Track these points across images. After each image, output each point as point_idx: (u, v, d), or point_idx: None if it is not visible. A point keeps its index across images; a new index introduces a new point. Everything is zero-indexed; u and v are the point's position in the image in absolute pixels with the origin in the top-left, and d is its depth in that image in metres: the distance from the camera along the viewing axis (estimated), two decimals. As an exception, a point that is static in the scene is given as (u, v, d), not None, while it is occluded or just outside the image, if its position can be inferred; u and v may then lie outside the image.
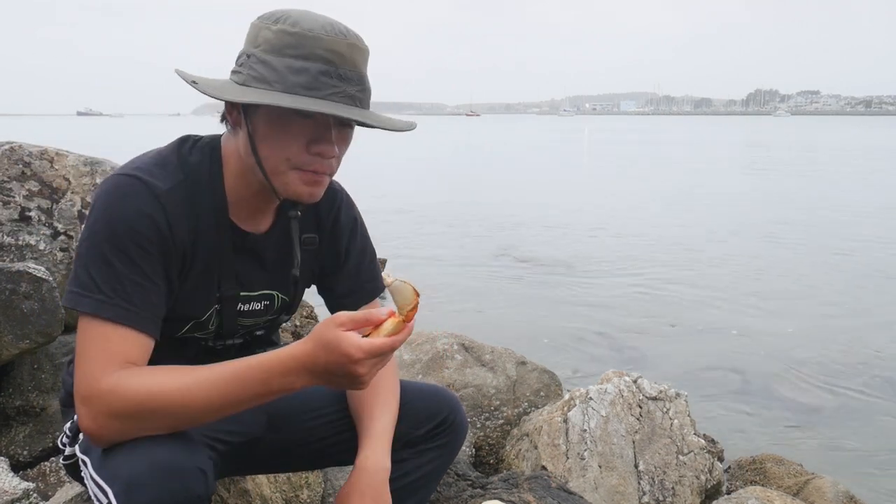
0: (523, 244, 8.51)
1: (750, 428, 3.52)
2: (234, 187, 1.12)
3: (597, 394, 2.51)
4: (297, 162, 1.04)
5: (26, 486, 1.51)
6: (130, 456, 0.94)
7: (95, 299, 0.98)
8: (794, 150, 31.98)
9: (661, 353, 4.59)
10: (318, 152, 1.05)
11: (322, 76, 1.01)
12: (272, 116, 1.03)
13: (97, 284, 0.98)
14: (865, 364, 4.42)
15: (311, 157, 1.05)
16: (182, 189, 1.06)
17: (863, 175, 18.53)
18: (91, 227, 1.01)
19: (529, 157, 26.91)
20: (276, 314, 1.26)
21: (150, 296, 1.01)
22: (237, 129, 1.09)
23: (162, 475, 0.91)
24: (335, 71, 1.01)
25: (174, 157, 1.10)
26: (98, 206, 1.02)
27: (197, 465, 0.95)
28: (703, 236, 9.10)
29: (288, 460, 1.37)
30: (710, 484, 2.45)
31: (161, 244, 1.03)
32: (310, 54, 1.00)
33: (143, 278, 1.01)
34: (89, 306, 0.98)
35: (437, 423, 1.31)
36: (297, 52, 1.00)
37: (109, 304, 0.98)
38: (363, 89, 1.06)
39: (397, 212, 11.03)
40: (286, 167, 1.05)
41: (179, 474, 0.92)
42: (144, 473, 0.91)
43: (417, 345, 2.93)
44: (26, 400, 2.18)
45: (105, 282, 0.98)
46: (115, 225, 1.00)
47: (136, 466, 0.92)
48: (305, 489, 1.87)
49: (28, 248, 2.35)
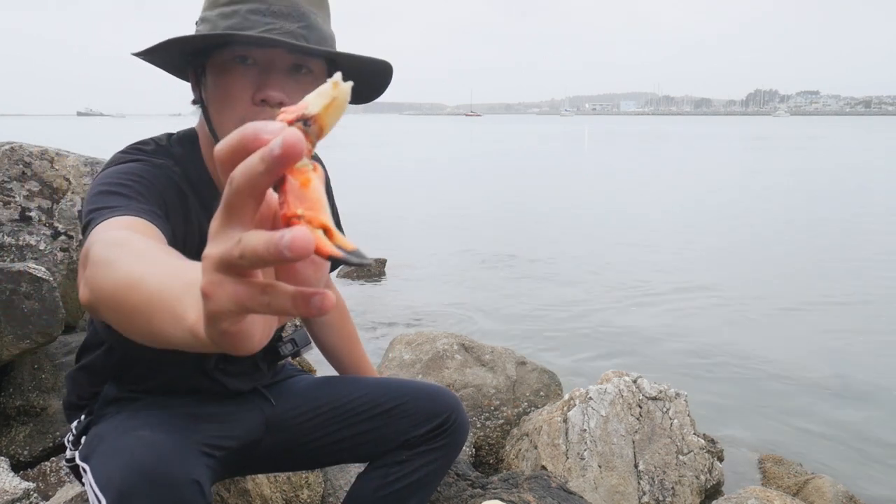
0: (525, 244, 8.51)
1: (750, 427, 3.52)
2: (214, 167, 1.06)
3: (597, 394, 2.51)
4: (243, 117, 0.94)
5: (26, 486, 1.51)
6: (125, 466, 0.92)
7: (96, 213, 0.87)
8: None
9: (662, 353, 4.59)
10: (263, 98, 0.94)
11: (252, 14, 0.92)
12: (216, 74, 0.97)
13: (99, 209, 0.88)
14: (866, 364, 4.41)
15: (256, 108, 0.95)
16: (167, 170, 1.03)
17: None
18: (90, 189, 0.95)
19: (550, 156, 26.91)
20: None
21: (154, 219, 0.90)
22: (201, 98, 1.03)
23: (156, 487, 0.90)
24: (267, 9, 0.92)
25: (161, 148, 1.07)
26: (98, 175, 0.98)
27: (192, 477, 0.93)
28: (704, 237, 9.10)
29: (287, 461, 1.36)
30: (709, 484, 2.45)
31: (161, 200, 0.96)
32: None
33: (148, 204, 0.92)
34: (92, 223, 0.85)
35: (437, 424, 1.31)
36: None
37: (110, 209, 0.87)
38: (307, 26, 0.94)
39: (412, 212, 11.04)
40: (235, 127, 0.96)
41: (173, 486, 0.91)
42: (138, 484, 0.90)
43: (417, 345, 2.93)
44: (26, 400, 2.18)
45: (105, 204, 0.89)
46: (116, 173, 0.94)
47: (130, 477, 0.90)
48: (305, 489, 1.87)
49: (28, 248, 2.35)
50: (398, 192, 14.59)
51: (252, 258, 0.37)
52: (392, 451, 1.30)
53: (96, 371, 1.15)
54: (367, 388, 1.33)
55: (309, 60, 0.98)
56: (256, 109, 0.95)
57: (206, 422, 1.12)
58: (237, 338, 0.42)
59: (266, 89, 0.94)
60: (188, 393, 1.17)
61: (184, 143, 1.08)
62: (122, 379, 1.14)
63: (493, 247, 8.34)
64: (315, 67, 1.00)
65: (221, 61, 0.95)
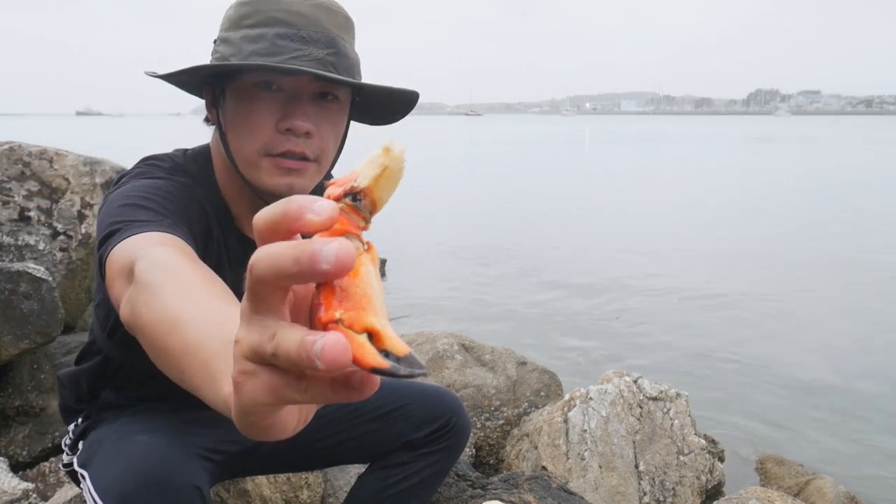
0: (525, 245, 8.51)
1: (751, 428, 3.51)
2: (228, 191, 1.03)
3: (597, 394, 2.51)
4: (266, 145, 0.92)
5: (26, 487, 1.51)
6: (124, 471, 0.91)
7: (124, 225, 0.81)
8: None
9: (662, 353, 4.59)
10: (288, 128, 0.91)
11: (280, 40, 0.89)
12: (238, 99, 0.93)
13: (128, 221, 0.82)
14: (868, 364, 4.41)
15: (280, 137, 0.92)
16: (191, 190, 0.99)
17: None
18: (109, 200, 0.89)
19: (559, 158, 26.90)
20: None
21: (189, 240, 0.84)
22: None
23: (155, 492, 0.89)
24: (296, 34, 0.89)
25: (178, 167, 1.03)
26: (117, 187, 0.92)
27: (192, 482, 0.92)
28: (705, 237, 9.09)
29: (288, 462, 1.36)
30: (710, 484, 2.44)
31: (187, 221, 0.91)
32: (266, 19, 0.90)
33: (179, 224, 0.87)
34: (121, 233, 0.80)
35: (439, 426, 1.30)
36: (254, 21, 0.91)
37: (142, 224, 0.82)
38: (335, 53, 0.92)
39: (426, 215, 11.03)
40: (257, 155, 0.93)
41: (173, 492, 0.90)
42: (137, 490, 0.89)
43: (417, 345, 2.93)
44: (26, 400, 2.17)
45: (135, 217, 0.83)
46: (143, 187, 0.89)
47: (129, 482, 0.89)
48: (305, 489, 1.87)
49: (27, 248, 2.35)
50: (398, 192, 14.55)
51: (286, 361, 0.33)
52: (393, 452, 1.30)
53: (95, 376, 1.15)
54: (368, 389, 1.33)
55: (336, 88, 0.95)
56: (281, 138, 0.92)
57: (205, 426, 1.11)
58: (270, 430, 0.38)
59: (293, 118, 0.91)
60: (187, 398, 1.17)
61: (199, 163, 1.03)
62: (121, 386, 1.14)
63: (493, 247, 8.34)
64: (341, 95, 0.97)
65: (244, 86, 0.92)
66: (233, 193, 1.02)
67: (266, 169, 0.93)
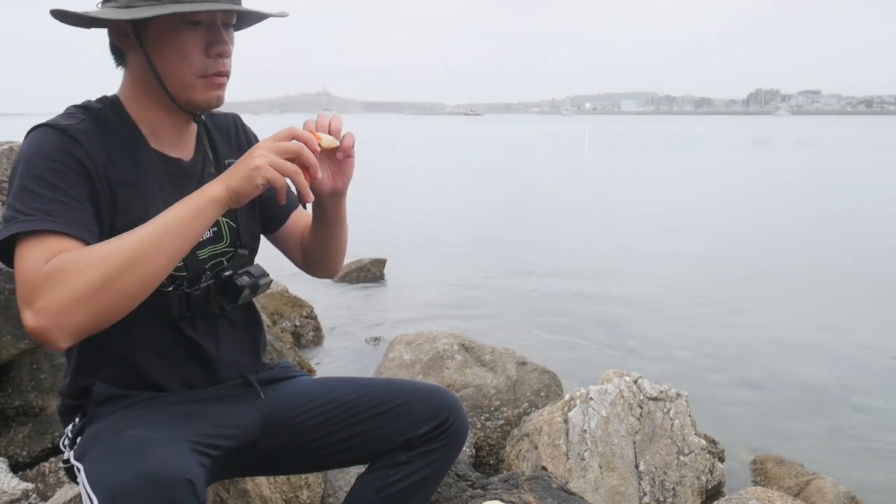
0: (525, 245, 8.51)
1: (751, 428, 3.51)
2: (142, 116, 1.16)
3: (597, 394, 2.51)
4: (201, 69, 1.12)
5: (25, 487, 1.51)
6: (118, 465, 0.92)
7: (20, 221, 0.98)
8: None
9: (662, 354, 4.59)
10: (218, 53, 1.13)
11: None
12: (165, 32, 1.10)
13: (22, 211, 0.99)
14: (868, 365, 4.41)
15: (212, 61, 1.13)
16: (87, 123, 1.10)
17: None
18: (13, 176, 1.05)
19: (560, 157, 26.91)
20: (230, 246, 1.24)
21: (77, 214, 1.01)
22: (130, 54, 1.14)
23: (147, 485, 0.89)
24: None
25: (75, 108, 1.15)
26: (17, 160, 1.06)
27: (184, 476, 0.93)
28: (705, 237, 9.09)
29: (286, 462, 1.36)
30: (710, 484, 2.44)
31: (79, 169, 1.05)
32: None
33: (68, 198, 1.02)
34: (15, 229, 0.97)
35: (436, 425, 1.30)
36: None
37: (37, 220, 0.98)
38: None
39: (427, 213, 11.04)
40: (193, 77, 1.12)
41: (165, 485, 0.90)
42: (130, 483, 0.89)
43: (417, 345, 2.93)
44: (25, 400, 2.18)
45: (29, 206, 0.99)
46: (31, 161, 1.03)
47: (122, 476, 0.90)
48: (305, 489, 1.87)
49: (27, 248, 2.35)
50: (398, 192, 14.59)
51: (300, 136, 1.03)
52: (391, 451, 1.30)
53: (81, 372, 1.17)
54: (366, 389, 1.33)
55: (233, 17, 1.18)
56: (210, 62, 1.13)
57: (200, 420, 1.12)
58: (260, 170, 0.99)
59: (220, 45, 1.13)
60: (179, 382, 1.18)
61: (107, 100, 1.18)
62: (104, 373, 1.15)
63: (493, 247, 8.34)
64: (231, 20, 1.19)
65: (174, 22, 1.09)
66: (144, 117, 1.17)
67: (200, 87, 1.14)
